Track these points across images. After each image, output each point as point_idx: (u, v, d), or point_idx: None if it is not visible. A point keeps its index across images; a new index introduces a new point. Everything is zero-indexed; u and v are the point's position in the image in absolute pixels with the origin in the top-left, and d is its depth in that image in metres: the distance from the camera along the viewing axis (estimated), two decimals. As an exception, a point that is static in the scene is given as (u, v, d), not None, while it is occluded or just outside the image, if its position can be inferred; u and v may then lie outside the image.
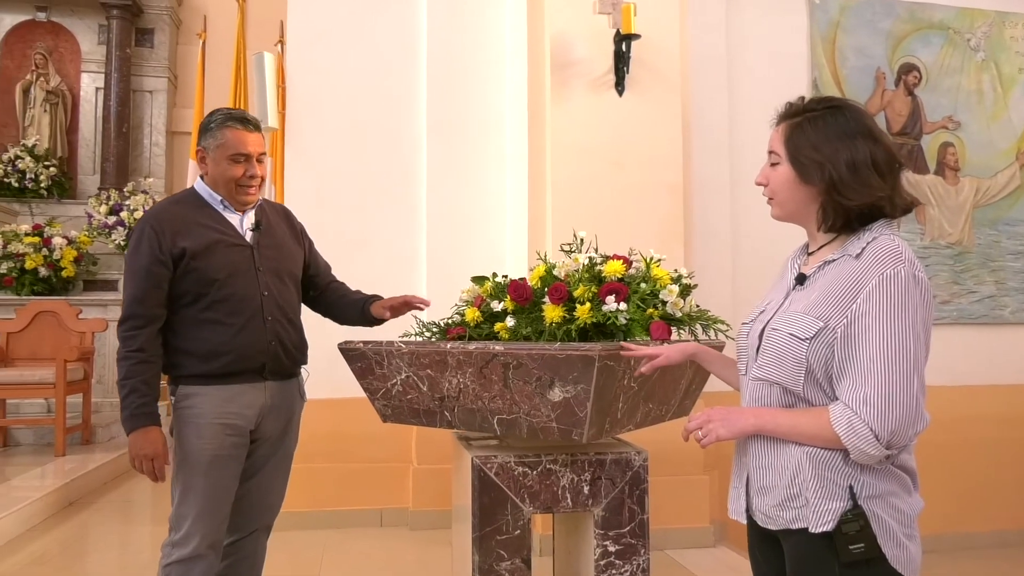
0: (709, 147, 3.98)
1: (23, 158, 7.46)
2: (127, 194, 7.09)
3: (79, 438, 5.31)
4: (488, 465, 1.82)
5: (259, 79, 3.70)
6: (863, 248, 1.26)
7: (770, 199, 1.43)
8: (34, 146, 7.58)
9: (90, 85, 8.09)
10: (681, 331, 2.00)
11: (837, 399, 1.25)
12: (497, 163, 3.85)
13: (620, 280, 2.03)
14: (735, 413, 1.36)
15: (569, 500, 1.86)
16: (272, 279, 2.09)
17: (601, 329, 1.97)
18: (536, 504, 1.85)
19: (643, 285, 2.01)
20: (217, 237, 2.02)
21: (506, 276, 2.34)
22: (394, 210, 3.85)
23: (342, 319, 2.34)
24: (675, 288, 1.98)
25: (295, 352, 2.14)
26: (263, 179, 2.11)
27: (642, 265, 2.12)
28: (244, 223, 2.10)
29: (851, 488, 1.22)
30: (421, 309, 2.26)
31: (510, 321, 2.09)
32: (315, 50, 3.80)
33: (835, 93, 4.35)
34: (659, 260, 2.13)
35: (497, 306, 2.17)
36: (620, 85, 3.43)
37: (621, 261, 2.07)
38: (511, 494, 1.83)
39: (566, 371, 1.65)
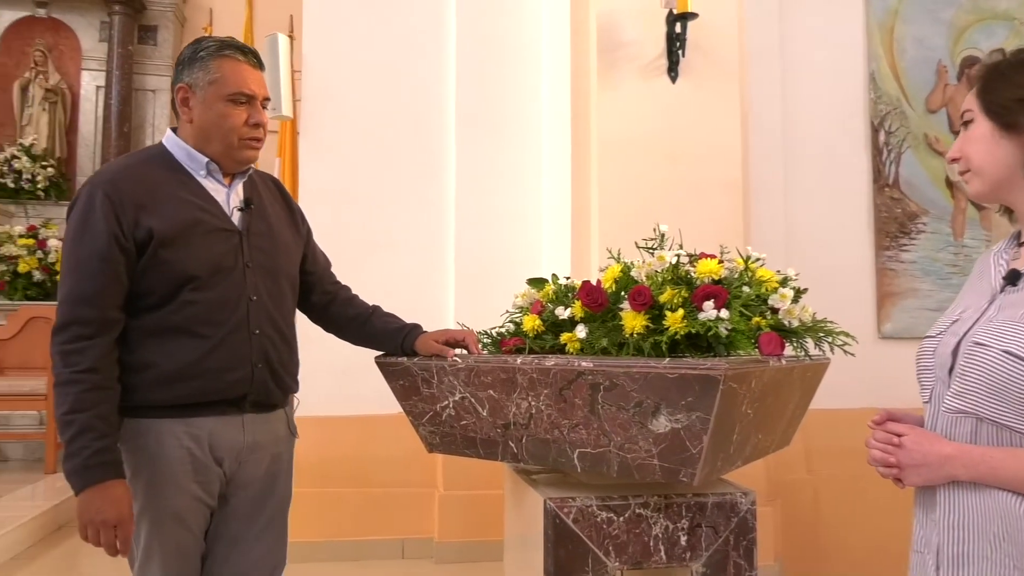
0: (762, 144, 3.65)
1: (19, 158, 7.15)
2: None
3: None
4: (565, 510, 1.47)
5: (272, 63, 3.36)
6: None
7: (965, 172, 1.12)
8: (31, 146, 7.27)
9: (91, 83, 7.79)
10: (794, 344, 1.65)
11: None
12: (534, 156, 3.51)
13: (717, 282, 1.68)
14: (934, 455, 1.02)
15: (663, 553, 1.51)
16: (263, 279, 1.57)
17: (694, 341, 1.62)
18: (623, 558, 1.49)
19: (746, 289, 1.66)
20: (196, 216, 1.49)
21: (569, 278, 2.00)
22: (420, 208, 3.50)
23: (369, 346, 1.83)
24: (788, 292, 1.63)
25: (286, 377, 1.62)
26: (266, 134, 1.60)
27: (737, 265, 1.77)
28: (231, 198, 1.57)
29: None
30: (470, 353, 1.72)
31: (581, 331, 1.74)
32: (334, 33, 3.47)
33: (893, 87, 4.02)
34: (759, 260, 1.78)
35: (563, 313, 1.82)
36: (673, 71, 3.09)
37: (717, 260, 1.72)
38: (593, 546, 1.47)
39: (677, 395, 1.30)
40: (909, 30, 4.09)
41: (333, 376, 3.22)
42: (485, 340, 1.93)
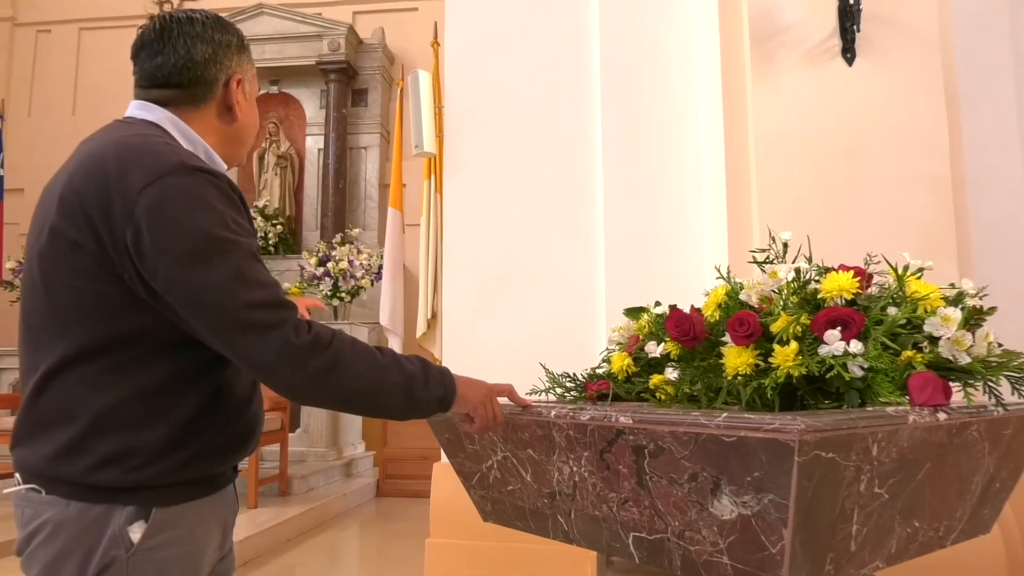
0: (989, 130, 2.92)
1: (255, 219, 8.02)
2: (334, 245, 7.30)
3: (275, 490, 5.25)
4: (623, 612, 1.11)
5: (414, 100, 3.34)
6: None
7: None
8: (264, 207, 8.14)
9: (313, 147, 8.59)
10: (970, 388, 1.14)
11: None
12: (692, 174, 3.11)
13: (851, 303, 1.23)
14: None
15: None
16: None
17: (818, 386, 1.18)
18: None
19: (892, 310, 1.19)
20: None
21: (674, 305, 1.62)
22: (569, 237, 3.24)
23: None
24: (952, 314, 1.13)
25: None
26: None
27: (891, 280, 1.30)
28: None
29: None
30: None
31: (672, 372, 1.37)
32: (473, 62, 3.36)
33: None
34: (920, 271, 1.29)
35: (655, 349, 1.46)
36: (849, 51, 2.56)
37: (852, 273, 1.27)
38: (664, 665, 1.09)
39: (739, 468, 0.90)
40: None
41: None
42: (568, 383, 1.61)
